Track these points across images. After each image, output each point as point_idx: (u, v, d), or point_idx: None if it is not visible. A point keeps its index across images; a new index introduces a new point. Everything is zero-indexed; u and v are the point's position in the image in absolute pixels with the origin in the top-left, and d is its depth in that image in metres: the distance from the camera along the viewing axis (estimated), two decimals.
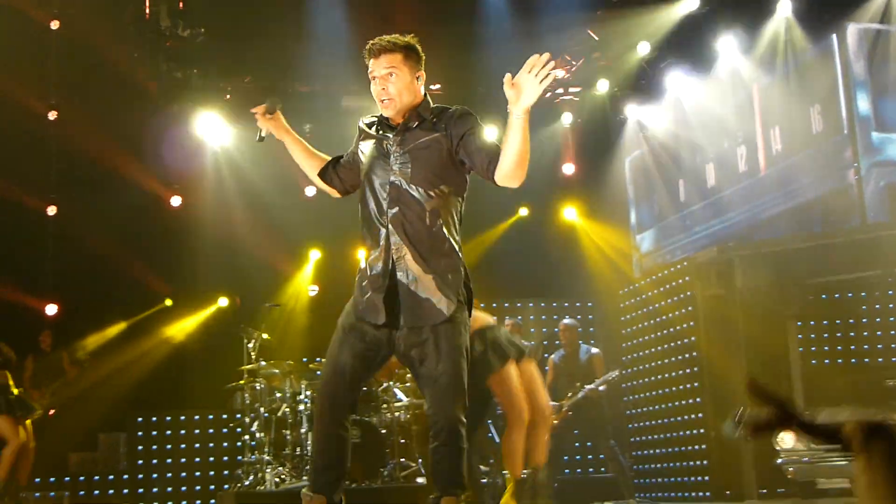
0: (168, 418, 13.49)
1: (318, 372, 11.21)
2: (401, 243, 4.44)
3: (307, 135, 12.98)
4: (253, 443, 10.62)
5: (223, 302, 14.00)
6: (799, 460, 9.21)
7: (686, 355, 11.53)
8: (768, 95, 11.57)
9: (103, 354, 12.93)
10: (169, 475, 13.29)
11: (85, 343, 12.78)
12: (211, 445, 13.48)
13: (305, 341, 13.29)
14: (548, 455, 10.58)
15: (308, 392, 10.48)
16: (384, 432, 10.21)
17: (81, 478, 12.61)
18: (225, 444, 13.43)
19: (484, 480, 9.94)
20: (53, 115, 12.94)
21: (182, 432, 13.47)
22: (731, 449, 10.71)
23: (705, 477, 11.20)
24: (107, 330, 13.29)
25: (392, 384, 10.44)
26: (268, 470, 10.12)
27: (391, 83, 4.52)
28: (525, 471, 8.08)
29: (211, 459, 13.40)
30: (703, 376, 11.23)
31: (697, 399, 11.34)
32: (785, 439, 9.37)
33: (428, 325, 4.40)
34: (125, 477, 13.02)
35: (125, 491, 12.96)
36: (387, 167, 4.53)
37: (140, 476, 13.19)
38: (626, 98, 13.64)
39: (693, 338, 11.44)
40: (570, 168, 14.62)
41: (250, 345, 10.84)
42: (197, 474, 13.36)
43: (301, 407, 10.46)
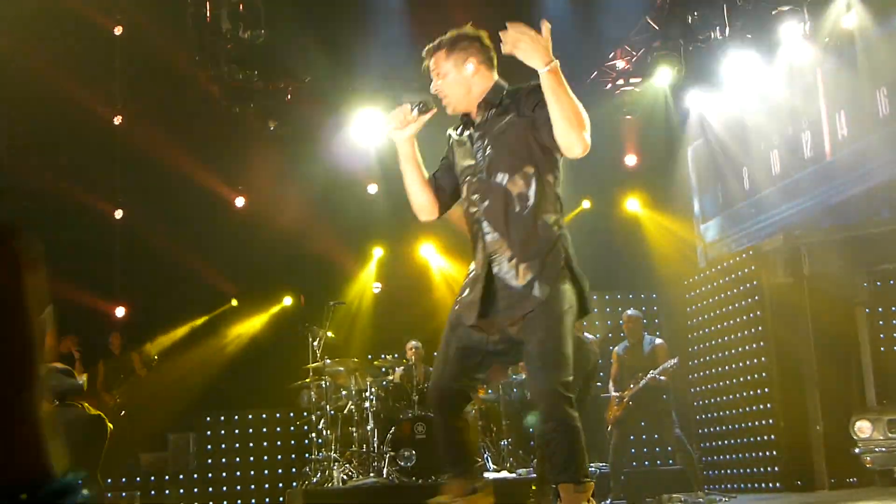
0: (236, 417, 13.64)
1: (383, 369, 11.27)
2: (494, 237, 4.35)
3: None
4: (320, 440, 10.70)
5: (288, 301, 14.11)
6: (877, 449, 9.13)
7: (754, 345, 11.39)
8: (833, 79, 11.37)
9: (171, 355, 13.10)
10: (238, 474, 13.44)
11: (154, 344, 12.95)
12: (278, 444, 13.60)
13: (370, 338, 13.37)
14: (614, 447, 10.58)
15: (373, 389, 10.53)
16: None
17: (152, 478, 12.78)
18: (292, 443, 13.55)
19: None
20: (118, 120, 13.12)
21: (250, 431, 13.61)
22: (801, 439, 10.58)
23: (775, 468, 11.07)
24: (174, 331, 13.46)
25: None
26: (335, 467, 10.18)
27: (441, 82, 4.52)
28: None
29: (279, 458, 13.53)
30: (772, 366, 11.09)
31: (766, 389, 11.20)
32: (863, 428, 9.27)
33: (526, 313, 4.24)
34: (195, 476, 13.17)
35: (195, 490, 13.12)
36: (473, 163, 4.48)
37: (209, 475, 13.35)
38: (688, 87, 13.49)
39: (760, 327, 11.30)
40: (633, 159, 14.52)
41: (315, 343, 10.92)
42: (265, 473, 13.50)
43: (367, 404, 10.51)
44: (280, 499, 12.67)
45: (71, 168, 12.51)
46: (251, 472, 13.49)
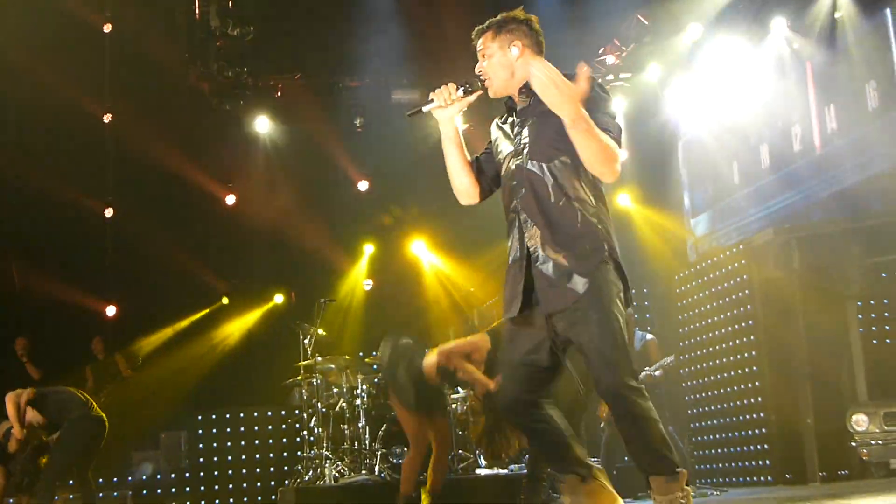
0: (227, 415, 13.62)
1: (375, 366, 11.25)
2: (532, 228, 4.27)
3: (358, 129, 13.02)
4: (311, 438, 10.68)
5: (279, 299, 14.08)
6: (873, 442, 9.19)
7: (745, 339, 11.39)
8: (822, 73, 11.38)
9: (162, 354, 13.08)
10: (230, 472, 13.43)
11: (139, 345, 12.92)
12: (270, 442, 13.59)
13: (361, 336, 13.35)
14: (606, 442, 10.58)
15: (365, 386, 10.51)
16: None
17: (144, 477, 12.75)
18: (284, 440, 13.54)
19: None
20: (109, 118, 13.09)
21: (241, 429, 13.59)
22: (793, 432, 10.58)
23: (767, 461, 11.07)
24: (164, 329, 13.43)
25: None
26: (326, 465, 10.17)
27: (486, 63, 4.44)
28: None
29: (270, 455, 13.51)
30: (763, 360, 11.08)
31: (757, 383, 11.20)
32: (860, 421, 9.31)
33: (570, 306, 4.14)
34: (187, 475, 13.16)
35: (187, 489, 13.10)
36: (512, 149, 4.42)
37: (201, 474, 13.33)
38: (678, 81, 13.49)
39: (751, 321, 11.30)
40: (623, 154, 14.51)
41: (306, 341, 10.90)
42: (257, 471, 13.49)
43: (358, 401, 10.50)
44: (272, 497, 12.66)
45: (61, 166, 12.46)
46: (243, 471, 13.47)
